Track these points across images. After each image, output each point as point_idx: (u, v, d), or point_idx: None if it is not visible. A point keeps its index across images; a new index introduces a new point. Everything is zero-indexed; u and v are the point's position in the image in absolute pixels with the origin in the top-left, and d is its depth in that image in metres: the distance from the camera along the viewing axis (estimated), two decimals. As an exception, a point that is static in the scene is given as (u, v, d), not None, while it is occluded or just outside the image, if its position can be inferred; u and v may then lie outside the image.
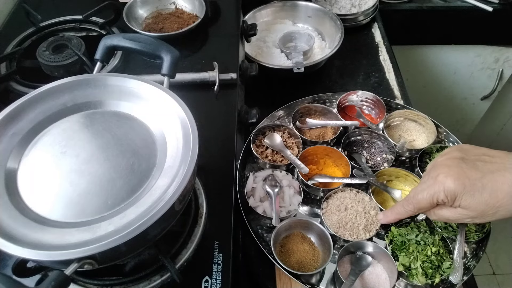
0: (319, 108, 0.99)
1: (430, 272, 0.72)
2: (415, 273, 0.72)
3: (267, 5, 1.27)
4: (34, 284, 0.56)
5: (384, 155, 0.92)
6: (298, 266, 0.75)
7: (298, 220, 0.80)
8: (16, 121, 0.56)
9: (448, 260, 0.73)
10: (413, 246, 0.74)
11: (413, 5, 1.47)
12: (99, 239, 0.44)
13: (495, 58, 1.63)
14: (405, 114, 0.97)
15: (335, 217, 0.80)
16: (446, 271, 0.72)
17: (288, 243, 0.79)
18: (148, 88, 0.59)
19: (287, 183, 0.85)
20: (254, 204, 0.82)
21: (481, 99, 1.80)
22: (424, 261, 0.72)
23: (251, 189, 0.85)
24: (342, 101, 1.01)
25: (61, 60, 0.85)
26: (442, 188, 0.61)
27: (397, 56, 1.26)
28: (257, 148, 0.92)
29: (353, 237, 0.77)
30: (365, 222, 0.78)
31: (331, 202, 0.82)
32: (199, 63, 0.89)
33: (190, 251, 0.61)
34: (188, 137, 0.53)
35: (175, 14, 1.01)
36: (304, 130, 0.97)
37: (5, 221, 0.46)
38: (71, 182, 0.51)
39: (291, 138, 0.94)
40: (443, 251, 0.74)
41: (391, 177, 0.88)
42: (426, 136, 0.95)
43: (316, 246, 0.78)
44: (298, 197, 0.84)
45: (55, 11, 1.03)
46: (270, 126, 0.96)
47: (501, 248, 1.97)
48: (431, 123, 0.93)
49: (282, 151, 0.90)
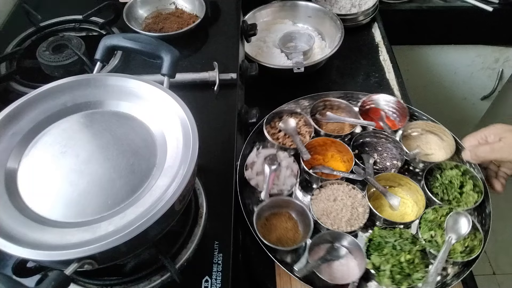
0: (342, 104, 1.00)
1: (398, 277, 0.72)
2: (382, 274, 0.72)
3: (267, 5, 1.27)
4: (34, 284, 0.56)
5: (394, 161, 0.91)
6: (276, 242, 0.77)
7: (287, 201, 0.82)
8: (16, 121, 0.56)
9: (422, 272, 0.72)
10: (388, 249, 0.74)
11: (413, 5, 1.47)
12: (99, 239, 0.44)
13: (495, 58, 1.63)
14: (427, 126, 0.95)
15: (322, 205, 0.82)
16: (415, 282, 0.71)
17: (273, 219, 0.82)
18: (148, 88, 0.59)
19: (286, 164, 0.87)
20: (250, 176, 0.85)
21: (481, 99, 1.80)
22: (394, 265, 0.72)
23: (251, 162, 0.88)
24: (367, 102, 1.00)
25: (61, 60, 0.85)
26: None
27: (397, 56, 1.26)
28: (271, 129, 0.96)
29: (334, 227, 0.79)
30: (349, 216, 0.80)
31: (323, 191, 0.84)
32: (199, 63, 0.89)
33: (190, 251, 0.61)
34: (188, 137, 0.53)
35: (175, 14, 1.01)
36: (322, 122, 0.99)
37: (5, 221, 0.46)
38: (71, 182, 0.51)
39: (306, 126, 0.96)
40: (418, 262, 0.73)
41: (394, 183, 0.87)
42: (445, 152, 0.91)
43: (299, 229, 0.81)
44: (293, 179, 0.86)
45: (55, 11, 1.03)
46: (288, 111, 0.98)
47: (501, 248, 1.96)
48: (452, 139, 0.91)
49: (292, 136, 0.92)
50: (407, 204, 0.85)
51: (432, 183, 0.86)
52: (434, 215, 0.79)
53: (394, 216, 0.82)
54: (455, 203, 0.82)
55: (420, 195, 0.82)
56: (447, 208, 0.79)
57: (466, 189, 0.83)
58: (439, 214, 0.79)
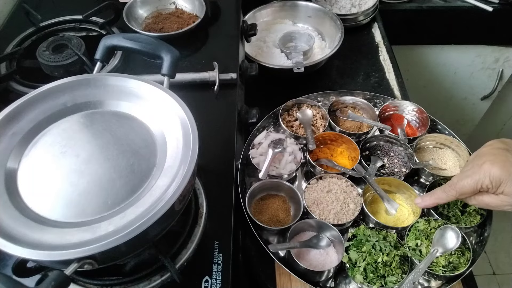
0: (363, 104, 1.01)
1: (371, 276, 0.72)
2: (356, 270, 0.73)
3: (267, 5, 1.27)
4: (34, 284, 0.56)
5: (403, 169, 0.90)
6: (267, 222, 0.81)
7: (283, 185, 0.85)
8: (16, 121, 0.56)
9: (398, 277, 0.72)
10: (367, 247, 0.74)
11: (413, 5, 1.47)
12: (99, 239, 0.44)
13: (495, 58, 1.63)
14: (446, 140, 0.93)
15: (315, 194, 0.84)
16: (389, 284, 0.72)
17: (267, 199, 0.85)
18: (148, 88, 0.59)
19: (291, 150, 0.90)
20: (253, 155, 0.90)
21: (481, 99, 1.80)
22: (370, 263, 0.73)
23: (258, 143, 0.93)
24: (391, 107, 1.00)
25: (61, 60, 0.85)
26: (488, 174, 0.64)
27: (397, 56, 1.26)
28: (287, 116, 1.00)
29: (321, 217, 0.80)
30: (338, 209, 0.81)
31: (320, 182, 0.86)
32: (199, 63, 0.89)
33: (190, 251, 0.61)
34: (188, 137, 0.53)
35: (175, 14, 1.01)
36: (340, 119, 1.00)
37: (5, 221, 0.46)
38: (71, 182, 0.51)
39: (322, 120, 0.98)
40: (395, 266, 0.73)
41: (395, 189, 0.87)
42: (459, 169, 0.89)
43: (290, 214, 0.83)
44: (293, 166, 0.88)
45: (55, 11, 1.03)
46: (308, 103, 1.01)
47: (501, 248, 1.97)
48: (467, 156, 0.88)
49: (306, 126, 0.94)
50: (403, 211, 0.84)
51: None
52: (425, 225, 0.78)
53: (387, 220, 0.82)
54: (454, 220, 0.81)
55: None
56: (441, 222, 0.79)
57: (470, 209, 0.81)
58: (430, 226, 0.78)
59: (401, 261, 0.74)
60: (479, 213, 0.82)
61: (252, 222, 0.78)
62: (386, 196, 0.82)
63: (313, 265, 0.76)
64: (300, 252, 0.77)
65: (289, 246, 0.75)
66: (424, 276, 0.77)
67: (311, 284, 0.74)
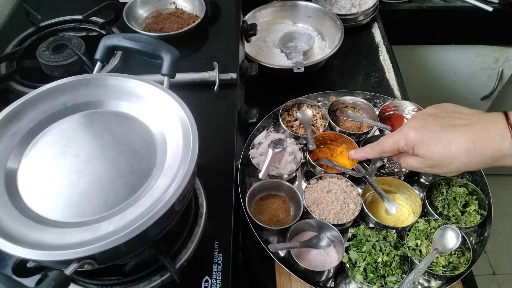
0: (363, 104, 1.01)
1: (371, 276, 0.72)
2: (356, 270, 0.73)
3: (267, 5, 1.27)
4: (34, 284, 0.56)
5: (403, 169, 0.90)
6: (267, 222, 0.81)
7: (283, 184, 0.85)
8: (16, 121, 0.56)
9: (398, 277, 0.73)
10: (367, 247, 0.74)
11: (413, 5, 1.47)
12: (99, 239, 0.44)
13: (495, 58, 1.63)
14: None
15: (315, 194, 0.83)
16: (389, 284, 0.72)
17: (267, 199, 0.85)
18: (148, 88, 0.59)
19: (291, 150, 0.90)
20: (253, 155, 0.90)
21: (481, 99, 1.80)
22: (370, 263, 0.73)
23: (258, 143, 0.93)
24: (391, 107, 1.00)
25: (61, 60, 0.85)
26: (404, 136, 0.67)
27: (397, 56, 1.26)
28: (287, 116, 1.00)
29: (321, 217, 0.80)
30: (338, 209, 0.81)
31: (320, 182, 0.86)
32: (199, 63, 0.89)
33: (190, 251, 0.61)
34: (188, 137, 0.53)
35: (175, 14, 1.01)
36: (340, 119, 1.00)
37: (5, 221, 0.46)
38: (71, 182, 0.51)
39: (322, 120, 0.98)
40: (395, 266, 0.73)
41: (395, 189, 0.87)
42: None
43: (290, 214, 0.83)
44: (293, 166, 0.88)
45: (55, 11, 1.03)
46: (308, 103, 1.01)
47: (501, 248, 1.96)
48: None
49: (306, 126, 0.94)
50: (403, 211, 0.84)
51: (435, 196, 0.84)
52: (425, 225, 0.78)
53: (387, 220, 0.82)
54: (454, 220, 0.81)
55: (418, 205, 0.82)
56: (441, 222, 0.79)
57: (470, 209, 0.81)
58: (430, 226, 0.78)
59: (401, 261, 0.74)
60: (479, 213, 0.82)
61: (252, 222, 0.78)
62: (386, 196, 0.82)
63: (313, 265, 0.76)
64: (300, 252, 0.77)
65: (289, 246, 0.75)
66: (424, 276, 0.77)
67: (311, 284, 0.74)
